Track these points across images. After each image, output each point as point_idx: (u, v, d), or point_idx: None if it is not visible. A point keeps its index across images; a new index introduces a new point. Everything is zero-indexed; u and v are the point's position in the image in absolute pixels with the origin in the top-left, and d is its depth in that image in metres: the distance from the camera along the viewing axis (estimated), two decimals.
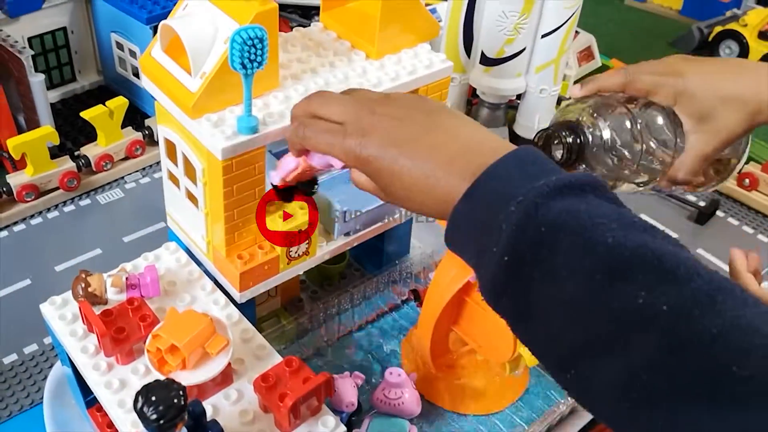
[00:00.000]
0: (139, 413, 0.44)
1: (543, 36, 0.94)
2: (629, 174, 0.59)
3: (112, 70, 1.10)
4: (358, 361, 0.73)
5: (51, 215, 0.93)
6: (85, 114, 0.93)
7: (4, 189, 0.91)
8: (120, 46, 1.06)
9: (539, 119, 1.00)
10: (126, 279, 0.60)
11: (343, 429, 0.53)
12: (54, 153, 0.93)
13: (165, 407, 0.44)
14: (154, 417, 0.43)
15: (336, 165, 0.50)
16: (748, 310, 0.34)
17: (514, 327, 0.41)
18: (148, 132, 1.01)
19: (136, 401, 0.44)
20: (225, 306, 0.61)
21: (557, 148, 0.58)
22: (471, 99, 1.06)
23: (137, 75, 1.04)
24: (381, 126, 0.46)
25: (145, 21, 0.98)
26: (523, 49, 0.95)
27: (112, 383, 0.55)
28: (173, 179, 0.66)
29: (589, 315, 0.36)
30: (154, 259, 0.65)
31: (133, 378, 0.55)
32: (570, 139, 0.58)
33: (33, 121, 0.97)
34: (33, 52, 0.95)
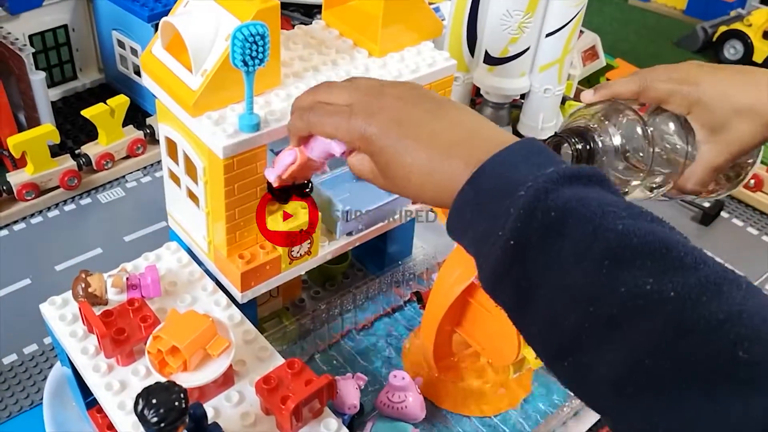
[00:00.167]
0: (140, 416, 0.44)
1: (547, 35, 0.94)
2: (640, 180, 0.59)
3: (113, 68, 1.10)
4: (360, 363, 0.73)
5: (51, 214, 0.93)
6: (86, 112, 0.92)
7: (4, 187, 0.90)
8: (121, 43, 1.06)
9: (543, 119, 1.00)
10: (127, 279, 0.59)
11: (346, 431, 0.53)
12: (54, 151, 0.92)
13: (166, 410, 0.43)
14: (154, 420, 0.43)
15: (336, 152, 0.50)
16: (753, 298, 0.34)
17: (512, 313, 0.41)
18: (149, 130, 1.00)
19: (136, 404, 0.44)
20: (226, 307, 0.60)
21: (567, 155, 0.57)
22: (474, 98, 1.06)
23: (138, 73, 1.03)
24: (389, 106, 0.46)
25: (147, 18, 0.98)
26: (527, 49, 0.94)
27: (112, 385, 0.54)
28: (174, 178, 0.66)
29: (595, 300, 0.36)
30: (155, 259, 0.64)
31: (134, 379, 0.55)
32: (580, 146, 0.57)
33: (33, 119, 0.96)
34: (34, 49, 0.95)
